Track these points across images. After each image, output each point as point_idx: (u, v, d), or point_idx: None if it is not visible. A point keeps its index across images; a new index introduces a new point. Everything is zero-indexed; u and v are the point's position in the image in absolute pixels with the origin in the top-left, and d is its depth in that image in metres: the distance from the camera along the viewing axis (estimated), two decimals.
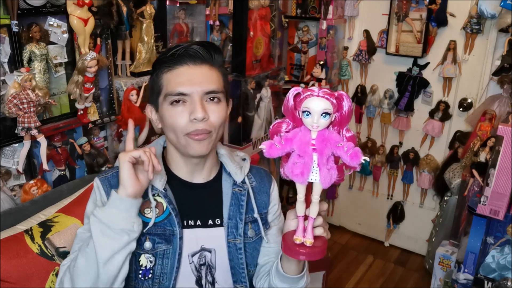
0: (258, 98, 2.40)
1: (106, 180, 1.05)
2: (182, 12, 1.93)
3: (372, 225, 3.12)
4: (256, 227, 1.13)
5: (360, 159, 0.80)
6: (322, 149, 0.81)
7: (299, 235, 0.88)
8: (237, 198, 1.11)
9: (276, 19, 2.45)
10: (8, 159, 1.41)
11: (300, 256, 0.88)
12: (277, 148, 0.83)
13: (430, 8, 2.44)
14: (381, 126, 2.88)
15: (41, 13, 1.39)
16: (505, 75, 2.28)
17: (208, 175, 1.12)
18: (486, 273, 1.91)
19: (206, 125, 1.00)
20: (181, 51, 1.02)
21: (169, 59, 1.03)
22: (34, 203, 1.39)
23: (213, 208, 1.11)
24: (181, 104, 1.01)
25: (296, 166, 0.82)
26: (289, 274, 1.03)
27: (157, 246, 1.03)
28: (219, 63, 1.06)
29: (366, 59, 2.76)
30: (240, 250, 1.09)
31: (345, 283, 2.67)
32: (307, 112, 0.79)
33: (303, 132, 0.82)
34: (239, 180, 1.12)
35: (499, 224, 1.88)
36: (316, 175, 0.82)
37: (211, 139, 1.03)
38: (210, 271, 1.09)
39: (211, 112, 1.01)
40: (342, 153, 0.80)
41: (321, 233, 0.92)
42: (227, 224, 1.10)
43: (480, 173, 2.07)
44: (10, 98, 1.32)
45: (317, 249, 0.88)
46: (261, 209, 1.14)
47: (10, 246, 1.21)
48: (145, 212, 1.04)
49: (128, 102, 1.70)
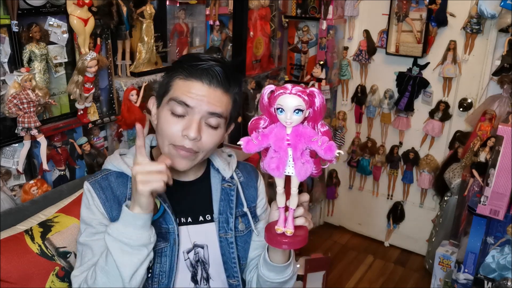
0: (258, 98, 2.40)
1: (97, 183, 1.05)
2: (182, 12, 1.94)
3: (372, 225, 3.12)
4: (246, 220, 1.16)
5: (334, 153, 0.83)
6: (296, 144, 0.84)
7: (280, 226, 0.92)
8: (227, 193, 1.13)
9: (276, 19, 2.45)
10: (8, 159, 1.41)
11: (282, 246, 0.92)
12: (254, 144, 0.87)
13: (430, 8, 2.44)
14: (381, 126, 2.88)
15: (41, 13, 1.39)
16: (505, 75, 2.28)
17: (196, 173, 1.14)
18: (486, 273, 1.91)
19: (195, 146, 0.99)
20: (203, 66, 0.99)
21: (189, 69, 1.00)
22: (34, 203, 1.39)
23: (203, 204, 1.13)
24: (179, 117, 0.99)
25: (272, 161, 0.86)
26: (276, 263, 1.07)
27: (157, 244, 1.03)
28: (234, 91, 1.04)
29: (366, 59, 2.76)
30: (231, 245, 1.12)
31: (345, 283, 2.67)
32: (281, 109, 0.83)
33: (278, 128, 0.86)
34: (227, 176, 1.14)
35: (499, 224, 1.88)
36: (292, 168, 0.86)
37: (196, 159, 1.03)
38: (204, 267, 1.11)
39: (205, 135, 1.00)
40: (317, 147, 0.84)
41: (302, 223, 0.95)
42: (218, 219, 1.12)
43: (480, 173, 2.07)
44: (10, 98, 1.32)
45: (298, 238, 0.92)
46: (249, 203, 1.17)
47: (10, 246, 1.21)
48: None
49: (128, 102, 1.70)
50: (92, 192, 1.04)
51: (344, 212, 3.22)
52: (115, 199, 1.05)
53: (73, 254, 1.28)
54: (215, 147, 1.06)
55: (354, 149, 2.98)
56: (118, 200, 1.05)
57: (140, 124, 0.97)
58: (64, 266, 1.26)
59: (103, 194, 1.04)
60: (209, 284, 1.11)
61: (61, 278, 1.25)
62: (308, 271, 2.35)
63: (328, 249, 2.95)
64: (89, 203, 1.04)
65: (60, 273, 1.25)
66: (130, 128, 1.76)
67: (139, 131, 0.95)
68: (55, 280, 1.23)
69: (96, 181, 1.06)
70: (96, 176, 1.07)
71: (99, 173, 1.09)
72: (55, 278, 1.24)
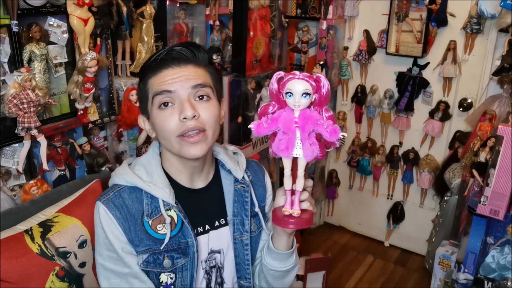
0: (258, 98, 2.40)
1: (110, 202, 1.01)
2: (182, 12, 1.93)
3: (372, 225, 3.12)
4: (257, 220, 1.15)
5: (339, 135, 0.87)
6: (304, 126, 0.89)
7: (287, 207, 0.96)
8: (240, 195, 1.11)
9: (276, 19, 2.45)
10: (8, 159, 1.41)
11: (289, 225, 0.96)
12: (264, 127, 0.91)
13: (430, 8, 2.44)
14: (381, 126, 2.88)
15: (41, 13, 1.39)
16: (505, 75, 2.28)
17: (207, 177, 1.12)
18: (486, 273, 1.92)
19: (198, 123, 0.97)
20: (163, 55, 1.00)
21: (153, 65, 1.01)
22: (34, 203, 1.38)
23: (218, 209, 1.11)
24: (169, 107, 0.98)
25: (282, 142, 0.90)
26: (280, 250, 1.07)
27: (176, 262, 1.02)
28: (204, 62, 1.04)
29: (366, 59, 2.76)
30: (246, 246, 1.11)
31: (345, 283, 2.67)
32: (290, 93, 0.87)
33: (287, 112, 0.90)
34: (239, 177, 1.12)
35: (499, 224, 1.88)
36: (300, 150, 0.90)
37: (207, 140, 1.00)
38: (219, 272, 1.10)
39: (201, 110, 0.98)
40: (322, 129, 0.88)
41: (307, 206, 0.98)
42: (232, 221, 1.10)
43: (480, 173, 2.07)
44: (10, 98, 1.32)
45: (304, 219, 0.96)
46: (260, 202, 1.17)
47: (10, 246, 1.21)
48: (157, 228, 1.02)
49: (128, 102, 1.70)
50: (108, 213, 1.00)
51: (344, 212, 3.22)
52: (132, 218, 1.01)
53: (73, 254, 1.28)
54: (217, 121, 1.03)
55: (354, 149, 2.98)
56: (134, 218, 1.01)
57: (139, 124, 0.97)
58: (64, 266, 1.26)
59: (119, 213, 1.00)
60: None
61: (61, 278, 1.25)
62: (308, 271, 2.35)
63: (328, 249, 2.95)
64: (104, 225, 1.00)
65: (60, 273, 1.25)
66: (130, 128, 1.76)
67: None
68: (55, 280, 1.23)
69: (109, 199, 1.01)
70: (108, 194, 1.03)
71: (110, 190, 1.04)
72: (55, 278, 1.24)
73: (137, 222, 1.01)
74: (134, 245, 1.01)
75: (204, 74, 1.03)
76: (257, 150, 2.40)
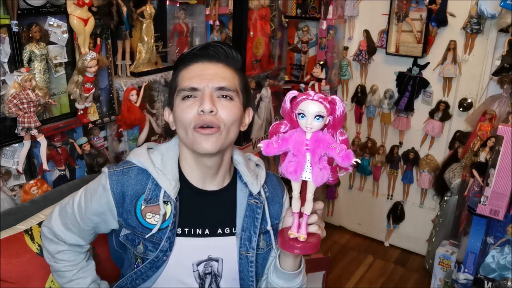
0: (258, 98, 2.40)
1: (114, 175, 1.04)
2: (182, 12, 1.93)
3: (372, 225, 3.12)
4: (268, 238, 1.12)
5: (352, 161, 0.84)
6: (315, 149, 0.86)
7: (293, 230, 0.93)
8: (253, 210, 1.09)
9: (276, 19, 2.45)
10: (8, 159, 1.41)
11: (294, 250, 0.93)
12: (274, 147, 0.88)
13: (430, 8, 2.43)
14: (381, 126, 2.87)
15: (41, 13, 1.39)
16: (505, 75, 2.28)
17: (221, 183, 1.10)
18: (486, 273, 1.92)
19: (214, 118, 0.98)
20: (197, 49, 1.03)
21: (187, 58, 1.04)
22: (34, 203, 1.39)
23: (225, 217, 1.09)
24: (191, 99, 1.00)
25: (291, 164, 0.87)
26: (286, 270, 1.05)
27: (147, 252, 1.03)
28: (235, 65, 1.05)
29: (366, 59, 2.76)
30: (251, 263, 1.08)
31: (345, 283, 2.67)
32: (302, 114, 0.84)
33: (299, 133, 0.87)
34: (255, 192, 1.10)
35: (499, 224, 1.88)
36: (309, 173, 0.86)
37: (220, 136, 0.99)
38: (215, 279, 1.08)
39: (221, 108, 0.99)
40: (334, 154, 0.85)
41: (315, 230, 0.94)
42: (240, 235, 1.08)
43: (480, 173, 2.07)
44: (10, 98, 1.32)
45: (310, 244, 0.92)
46: (273, 220, 1.13)
47: (10, 246, 1.21)
48: (147, 216, 1.03)
49: (128, 102, 1.70)
50: (106, 184, 1.03)
51: (344, 212, 3.22)
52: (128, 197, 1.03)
53: None
54: (236, 122, 1.02)
55: (354, 149, 2.98)
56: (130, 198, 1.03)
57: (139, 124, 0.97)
58: None
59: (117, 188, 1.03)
60: None
61: None
62: (308, 271, 2.34)
63: (328, 249, 2.95)
64: (97, 191, 1.04)
65: None
66: (130, 128, 1.76)
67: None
68: (54, 280, 1.23)
69: (115, 172, 1.04)
70: (117, 167, 1.06)
71: (121, 164, 1.07)
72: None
73: (132, 202, 1.03)
74: (120, 216, 1.05)
75: (232, 76, 1.03)
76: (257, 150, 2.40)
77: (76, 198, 1.09)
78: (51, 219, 1.11)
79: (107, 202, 1.03)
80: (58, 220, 1.10)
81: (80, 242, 1.11)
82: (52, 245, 1.11)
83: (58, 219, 1.10)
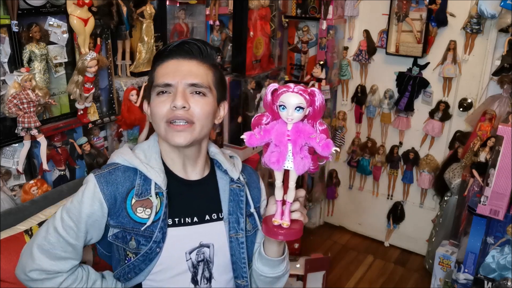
0: (258, 98, 2.40)
1: (102, 177, 1.04)
2: (182, 12, 1.93)
3: (372, 225, 3.12)
4: (252, 220, 1.17)
5: (331, 150, 0.87)
6: (296, 139, 0.89)
7: (277, 218, 0.97)
8: (236, 194, 1.14)
9: (276, 19, 2.45)
10: (8, 159, 1.41)
11: (278, 237, 0.97)
12: (256, 138, 0.92)
13: (430, 8, 2.44)
14: (381, 126, 2.88)
15: (41, 13, 1.39)
16: (505, 75, 2.28)
17: (202, 172, 1.14)
18: (486, 273, 1.92)
19: (187, 114, 1.02)
20: (172, 46, 1.06)
21: (163, 54, 1.07)
22: (34, 203, 1.39)
23: (210, 204, 1.13)
24: (165, 94, 1.04)
25: (273, 155, 0.91)
26: (271, 257, 1.10)
27: (140, 247, 1.04)
28: (210, 61, 1.09)
29: (366, 59, 2.76)
30: (242, 245, 1.12)
31: (345, 283, 2.67)
32: (283, 106, 0.88)
33: (280, 124, 0.91)
34: (235, 177, 1.15)
35: (499, 224, 1.88)
36: (291, 163, 0.90)
37: (193, 132, 1.03)
38: (207, 266, 1.10)
39: (194, 103, 1.03)
40: (315, 143, 0.88)
41: (298, 217, 0.99)
42: (228, 219, 1.12)
43: (480, 173, 2.07)
44: (10, 98, 1.32)
45: (293, 230, 0.97)
46: (255, 203, 1.18)
47: (10, 246, 1.21)
48: (137, 211, 1.04)
49: (128, 102, 1.70)
50: (96, 187, 1.03)
51: (344, 212, 3.22)
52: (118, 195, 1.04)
53: None
54: (208, 118, 1.06)
55: (354, 149, 2.98)
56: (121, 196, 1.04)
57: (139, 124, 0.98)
58: None
59: (107, 189, 1.03)
60: (211, 284, 1.11)
61: None
62: (308, 271, 2.35)
63: (328, 249, 2.95)
64: (86, 197, 1.02)
65: None
66: (130, 128, 1.76)
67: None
68: None
69: (102, 175, 1.05)
70: (103, 169, 1.07)
71: (106, 167, 1.08)
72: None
73: (122, 199, 1.04)
74: (111, 217, 1.05)
75: (206, 73, 1.07)
76: (257, 150, 2.40)
77: (56, 224, 1.04)
78: (33, 260, 1.03)
79: (100, 205, 1.03)
80: (42, 257, 1.03)
81: (75, 262, 1.07)
82: (49, 283, 1.05)
83: (42, 256, 1.03)
